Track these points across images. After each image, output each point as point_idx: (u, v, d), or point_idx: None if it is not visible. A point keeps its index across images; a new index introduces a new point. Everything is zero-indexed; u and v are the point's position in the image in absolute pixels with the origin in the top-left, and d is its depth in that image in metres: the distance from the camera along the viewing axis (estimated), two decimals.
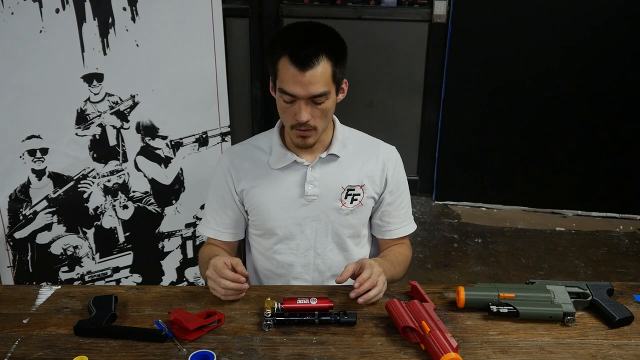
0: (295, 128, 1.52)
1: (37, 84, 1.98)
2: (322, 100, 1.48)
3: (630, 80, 3.44)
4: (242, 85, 3.79)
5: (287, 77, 1.45)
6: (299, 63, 1.43)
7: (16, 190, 2.07)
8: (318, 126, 1.52)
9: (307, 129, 1.51)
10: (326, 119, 1.54)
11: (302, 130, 1.51)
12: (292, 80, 1.45)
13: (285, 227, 1.65)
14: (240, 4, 3.67)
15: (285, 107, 1.51)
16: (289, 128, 1.54)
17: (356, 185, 1.64)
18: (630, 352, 1.33)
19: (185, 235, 2.39)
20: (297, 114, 1.48)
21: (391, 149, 1.71)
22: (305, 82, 1.44)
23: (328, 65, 1.46)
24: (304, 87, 1.44)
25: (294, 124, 1.51)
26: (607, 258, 3.29)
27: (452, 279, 3.08)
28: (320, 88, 1.46)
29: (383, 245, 1.76)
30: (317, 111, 1.50)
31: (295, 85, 1.45)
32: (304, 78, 1.44)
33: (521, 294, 1.44)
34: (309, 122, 1.49)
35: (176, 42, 2.12)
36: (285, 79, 1.46)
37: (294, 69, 1.44)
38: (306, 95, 1.46)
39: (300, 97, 1.46)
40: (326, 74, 1.46)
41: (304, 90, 1.45)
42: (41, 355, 1.31)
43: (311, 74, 1.44)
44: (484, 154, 3.75)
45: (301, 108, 1.47)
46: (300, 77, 1.44)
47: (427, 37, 3.60)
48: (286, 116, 1.52)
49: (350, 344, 1.35)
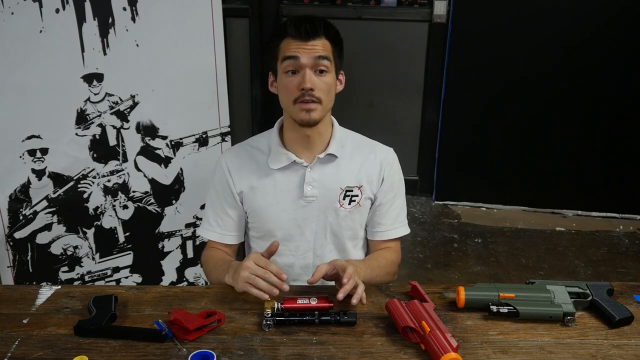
0: (299, 101, 1.51)
1: (37, 84, 1.98)
2: (325, 69, 1.51)
3: (630, 80, 3.45)
4: (242, 85, 3.79)
5: (290, 46, 1.51)
6: (302, 35, 1.50)
7: (16, 190, 2.07)
8: (323, 99, 1.52)
9: (312, 99, 1.51)
10: (329, 96, 1.55)
11: (306, 101, 1.51)
12: (294, 47, 1.50)
13: (284, 228, 1.65)
14: (240, 4, 3.67)
15: (289, 81, 1.52)
16: (292, 103, 1.53)
17: (354, 187, 1.64)
18: (630, 352, 1.33)
19: (185, 235, 2.39)
20: (302, 81, 1.49)
21: (388, 151, 1.71)
22: (308, 47, 1.50)
23: (328, 44, 1.53)
24: (307, 51, 1.49)
25: (297, 97, 1.51)
26: (607, 258, 3.29)
27: (452, 279, 3.07)
28: (323, 52, 1.51)
29: (372, 247, 1.74)
30: (321, 83, 1.51)
31: (299, 50, 1.50)
32: (307, 45, 1.50)
33: (521, 294, 1.44)
34: (313, 92, 1.50)
35: (176, 42, 2.13)
36: (288, 48, 1.51)
37: (297, 41, 1.50)
38: (310, 57, 1.49)
39: (303, 61, 1.49)
40: (327, 47, 1.52)
41: (307, 53, 1.49)
42: (41, 355, 1.31)
43: (313, 42, 1.51)
44: (484, 154, 3.75)
45: (305, 74, 1.49)
46: (303, 44, 1.50)
47: (427, 37, 3.60)
48: (289, 90, 1.52)
49: (350, 344, 1.35)
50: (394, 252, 1.72)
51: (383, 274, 1.64)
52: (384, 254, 1.69)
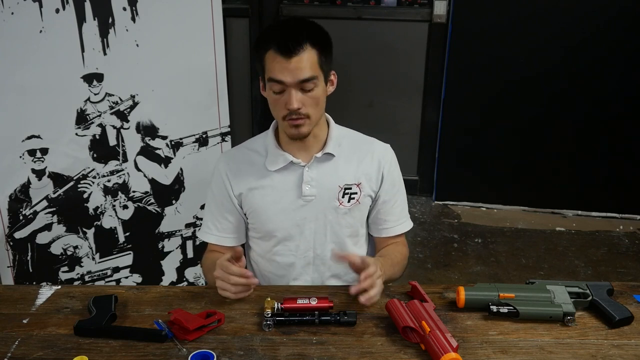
0: (287, 118, 1.52)
1: (37, 84, 1.98)
2: (311, 87, 1.50)
3: (630, 80, 3.44)
4: (242, 85, 3.79)
5: (274, 66, 1.48)
6: (284, 51, 1.46)
7: (16, 190, 2.07)
8: (311, 114, 1.52)
9: (299, 117, 1.51)
10: (318, 108, 1.54)
11: (294, 119, 1.51)
12: (278, 69, 1.47)
13: (284, 228, 1.65)
14: (240, 4, 3.67)
15: (276, 99, 1.51)
16: (281, 120, 1.54)
17: (353, 184, 1.64)
18: (630, 352, 1.33)
19: (185, 235, 2.39)
20: (288, 101, 1.49)
21: (386, 147, 1.72)
22: (292, 68, 1.46)
23: (313, 52, 1.49)
24: (291, 72, 1.47)
25: (285, 114, 1.51)
26: (607, 258, 3.29)
27: (452, 279, 3.07)
28: (308, 73, 1.48)
29: (380, 243, 1.75)
30: (308, 99, 1.50)
31: (283, 73, 1.47)
32: (290, 64, 1.46)
33: (521, 294, 1.44)
34: (300, 110, 1.50)
35: (176, 42, 2.13)
36: (272, 68, 1.48)
37: (280, 58, 1.46)
38: (294, 80, 1.47)
39: (288, 83, 1.48)
40: (312, 60, 1.49)
41: (291, 76, 1.47)
42: (41, 355, 1.31)
43: (297, 59, 1.46)
44: (484, 154, 3.75)
45: (291, 95, 1.48)
46: (287, 64, 1.46)
47: (427, 37, 3.60)
48: (277, 108, 1.53)
49: (350, 344, 1.35)
50: (403, 246, 1.75)
51: (400, 269, 1.69)
52: (397, 249, 1.71)
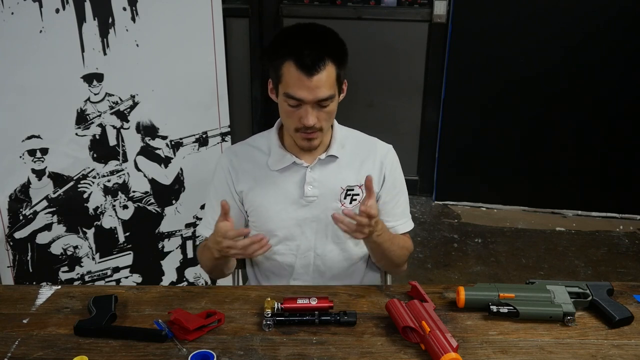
0: (301, 131, 1.52)
1: (37, 84, 1.98)
2: (328, 104, 1.49)
3: (630, 80, 3.44)
4: (242, 85, 3.79)
5: (292, 81, 1.45)
6: (306, 68, 1.43)
7: (16, 190, 2.07)
8: (324, 127, 1.53)
9: (313, 131, 1.52)
10: (330, 120, 1.56)
11: (308, 133, 1.52)
12: (298, 85, 1.45)
13: (285, 228, 1.65)
14: (240, 4, 3.67)
15: (290, 111, 1.50)
16: (293, 131, 1.54)
17: (355, 185, 1.64)
18: (630, 352, 1.33)
19: (185, 235, 2.39)
20: (304, 118, 1.48)
21: (388, 148, 1.71)
22: (312, 86, 1.44)
23: (333, 68, 1.47)
24: (311, 91, 1.45)
25: (299, 127, 1.51)
26: (607, 258, 3.29)
27: (452, 279, 3.08)
28: (327, 92, 1.46)
29: None
30: (323, 114, 1.50)
31: (302, 90, 1.45)
32: (311, 83, 1.44)
33: (521, 294, 1.44)
34: (314, 126, 1.50)
35: (176, 42, 2.12)
36: (291, 84, 1.46)
37: (300, 74, 1.44)
38: (313, 99, 1.46)
39: (307, 101, 1.46)
40: (331, 77, 1.47)
41: (311, 95, 1.45)
42: (41, 355, 1.31)
43: (318, 78, 1.44)
44: (484, 154, 3.75)
45: (308, 112, 1.47)
46: (307, 81, 1.44)
47: (427, 37, 3.60)
48: (291, 120, 1.52)
49: (350, 344, 1.35)
50: (408, 240, 1.74)
51: (398, 250, 1.64)
52: (400, 236, 1.69)
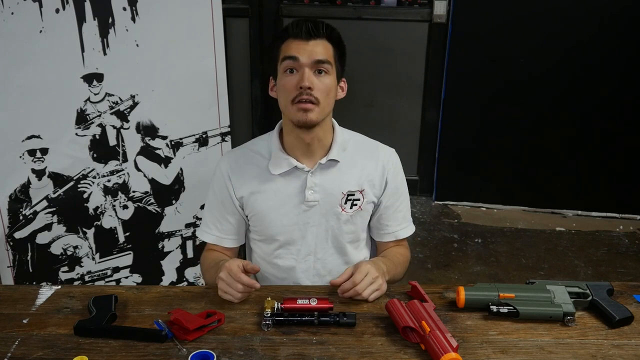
0: (297, 100, 1.49)
1: (37, 84, 1.98)
2: (325, 69, 1.50)
3: (630, 80, 3.45)
4: (242, 85, 3.79)
5: (290, 47, 1.50)
6: (303, 34, 1.49)
7: (16, 190, 2.07)
8: (321, 101, 1.50)
9: (309, 99, 1.48)
10: (328, 99, 1.52)
11: (303, 102, 1.48)
12: (295, 47, 1.50)
13: (286, 233, 1.64)
14: (240, 4, 3.67)
15: (288, 80, 1.51)
16: (290, 103, 1.50)
17: (356, 191, 1.63)
18: (630, 352, 1.33)
19: (185, 235, 2.39)
20: (300, 79, 1.48)
21: (390, 152, 1.70)
22: (308, 48, 1.49)
23: (329, 45, 1.52)
24: (307, 52, 1.49)
25: (295, 95, 1.49)
26: (607, 258, 3.29)
27: (452, 279, 3.08)
28: (323, 55, 1.50)
29: (381, 247, 1.75)
30: (320, 83, 1.49)
31: (299, 50, 1.49)
32: (308, 45, 1.49)
33: (521, 294, 1.44)
34: (311, 92, 1.48)
35: (176, 42, 2.12)
36: (289, 49, 1.50)
37: (298, 40, 1.50)
38: (309, 59, 1.48)
39: (303, 61, 1.48)
40: (328, 49, 1.52)
41: (307, 54, 1.49)
42: (41, 355, 1.31)
43: (314, 43, 1.50)
44: (484, 154, 3.75)
45: (304, 72, 1.49)
46: (304, 45, 1.49)
47: (427, 37, 3.60)
48: (287, 90, 1.51)
49: (350, 344, 1.35)
50: (405, 249, 1.76)
51: (402, 269, 1.71)
52: (398, 251, 1.72)
